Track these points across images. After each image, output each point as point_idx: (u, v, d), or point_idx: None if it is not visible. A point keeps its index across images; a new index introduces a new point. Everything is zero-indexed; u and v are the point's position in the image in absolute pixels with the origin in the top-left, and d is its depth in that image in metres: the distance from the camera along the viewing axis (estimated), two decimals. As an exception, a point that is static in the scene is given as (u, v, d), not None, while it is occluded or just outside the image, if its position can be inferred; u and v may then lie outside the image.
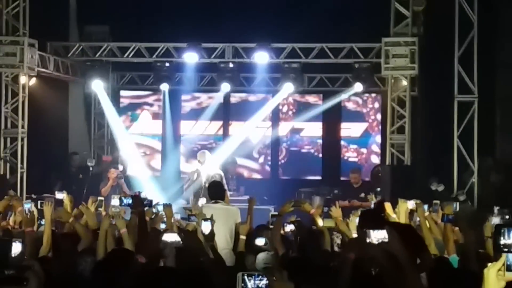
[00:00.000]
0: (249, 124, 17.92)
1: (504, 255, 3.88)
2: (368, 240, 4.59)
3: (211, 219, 7.68)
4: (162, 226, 9.01)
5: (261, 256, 7.42)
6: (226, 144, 17.69)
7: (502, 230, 3.99)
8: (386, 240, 4.56)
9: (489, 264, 5.32)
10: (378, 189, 14.26)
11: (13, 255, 6.87)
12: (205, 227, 7.64)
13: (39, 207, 9.04)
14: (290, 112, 18.82)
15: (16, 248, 6.95)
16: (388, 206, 8.87)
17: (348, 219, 8.84)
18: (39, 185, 15.44)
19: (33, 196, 13.72)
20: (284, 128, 18.90)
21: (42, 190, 15.06)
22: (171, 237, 6.46)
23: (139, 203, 8.36)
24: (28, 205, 8.97)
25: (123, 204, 8.46)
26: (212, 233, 7.64)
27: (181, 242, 6.54)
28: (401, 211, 8.72)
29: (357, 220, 8.02)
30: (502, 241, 4.13)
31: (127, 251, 6.60)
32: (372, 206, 10.68)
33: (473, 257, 6.92)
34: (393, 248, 4.56)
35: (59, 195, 10.06)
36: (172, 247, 6.53)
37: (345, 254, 6.88)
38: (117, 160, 16.79)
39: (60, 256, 7.09)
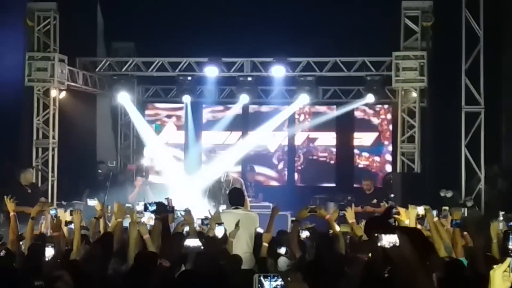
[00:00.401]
0: (264, 131, 17.87)
1: (509, 258, 3.90)
2: (379, 244, 4.59)
3: (237, 224, 7.66)
4: (187, 228, 9.02)
5: (282, 259, 7.44)
6: (241, 150, 17.70)
7: (511, 236, 4.01)
8: (398, 244, 4.57)
9: (495, 266, 5.33)
10: (392, 195, 14.25)
11: (46, 259, 6.98)
12: (219, 232, 7.68)
13: (68, 213, 9.06)
14: (306, 122, 18.82)
15: (49, 252, 7.07)
16: (402, 211, 8.85)
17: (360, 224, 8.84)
18: (68, 192, 15.54)
19: (63, 203, 13.83)
20: (300, 137, 18.93)
21: (72, 197, 15.17)
22: (193, 242, 6.49)
23: (163, 209, 8.39)
24: (53, 211, 9.00)
25: (147, 210, 8.48)
26: (224, 237, 7.66)
27: (202, 247, 6.56)
28: (410, 216, 8.71)
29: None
30: (511, 246, 4.16)
31: (153, 255, 6.65)
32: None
33: (481, 260, 6.92)
34: (404, 252, 4.57)
35: (91, 202, 10.04)
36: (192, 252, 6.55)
37: (356, 255, 6.90)
38: (141, 168, 16.85)
39: (91, 260, 7.13)
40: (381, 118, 18.58)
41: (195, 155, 18.52)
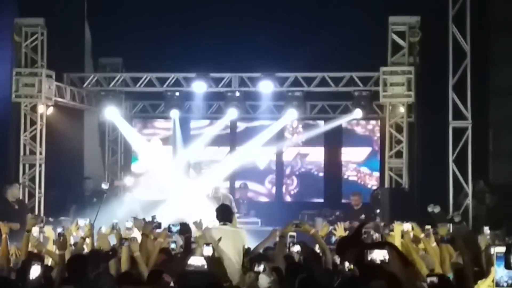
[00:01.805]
0: (251, 146, 17.91)
1: (493, 271, 3.95)
2: (368, 261, 4.62)
3: (219, 240, 7.70)
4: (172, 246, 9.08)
5: (263, 277, 7.43)
6: (229, 165, 17.74)
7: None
8: (387, 260, 4.60)
9: (479, 281, 5.36)
10: (378, 210, 14.29)
11: (31, 278, 6.90)
12: (207, 251, 7.72)
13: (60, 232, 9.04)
14: (294, 137, 18.87)
15: (35, 271, 6.98)
16: (397, 228, 8.86)
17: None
18: (55, 208, 15.49)
19: (50, 219, 13.74)
20: (288, 153, 18.98)
21: (59, 213, 15.12)
22: (197, 261, 6.48)
23: (186, 230, 8.63)
24: (60, 229, 8.99)
25: (171, 231, 8.74)
26: (212, 257, 7.68)
27: (206, 267, 6.56)
28: (396, 233, 8.77)
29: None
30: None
31: (158, 272, 6.70)
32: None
33: (471, 275, 6.97)
34: (393, 267, 4.60)
35: (81, 222, 9.89)
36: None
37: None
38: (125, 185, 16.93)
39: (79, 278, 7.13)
40: (369, 133, 18.67)
41: (183, 170, 18.50)
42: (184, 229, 8.70)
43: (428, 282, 5.83)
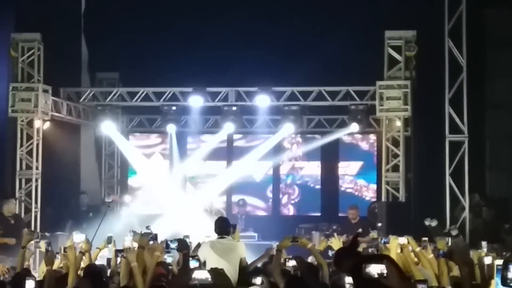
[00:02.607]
0: (248, 160, 17.89)
1: (493, 284, 3.92)
2: (366, 276, 4.58)
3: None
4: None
5: None
6: (226, 180, 17.72)
7: (510, 265, 4.03)
8: (385, 274, 4.56)
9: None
10: (379, 224, 14.26)
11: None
12: (192, 265, 7.71)
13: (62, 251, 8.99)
14: (293, 147, 18.86)
15: (29, 285, 6.99)
16: (393, 242, 8.84)
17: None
18: (52, 223, 15.45)
19: (47, 234, 13.72)
20: (284, 167, 18.97)
21: (55, 228, 15.08)
22: (201, 274, 6.43)
23: (184, 246, 8.59)
24: (45, 245, 8.94)
25: (169, 247, 8.70)
26: (215, 269, 7.63)
27: (210, 280, 6.51)
28: (392, 247, 8.74)
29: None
30: (510, 275, 4.19)
31: (160, 287, 6.67)
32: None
33: (468, 288, 6.96)
34: (391, 281, 4.56)
35: (77, 238, 9.83)
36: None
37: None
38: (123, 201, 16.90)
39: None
40: (365, 147, 18.68)
41: (180, 184, 18.48)
42: (182, 245, 8.64)
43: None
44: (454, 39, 15.19)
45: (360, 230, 14.16)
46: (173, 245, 8.64)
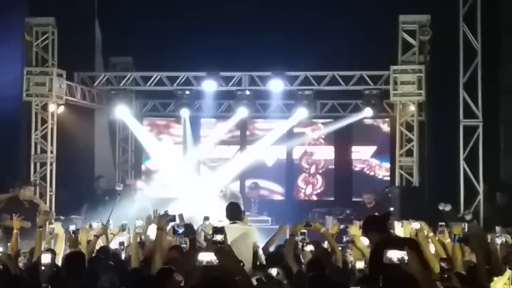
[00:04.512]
0: (261, 145, 17.88)
1: (508, 270, 3.90)
2: (387, 261, 4.56)
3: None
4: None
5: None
6: (239, 164, 17.72)
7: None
8: (405, 260, 4.55)
9: (495, 278, 5.29)
10: (392, 209, 14.23)
11: (43, 268, 7.03)
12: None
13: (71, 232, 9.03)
14: (315, 132, 18.82)
15: (46, 259, 7.16)
16: (406, 227, 8.83)
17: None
18: (67, 207, 15.50)
19: (61, 217, 13.77)
20: (298, 151, 18.94)
21: (70, 212, 15.13)
22: (207, 256, 6.42)
23: (191, 231, 8.56)
24: (73, 227, 9.00)
25: (176, 232, 8.62)
26: (221, 251, 7.62)
27: (217, 261, 6.50)
28: (405, 232, 8.72)
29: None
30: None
31: (169, 269, 6.69)
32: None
33: (484, 274, 6.94)
34: (412, 268, 4.55)
35: (95, 225, 9.85)
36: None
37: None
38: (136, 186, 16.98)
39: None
40: (379, 131, 18.63)
41: (194, 168, 18.49)
42: (189, 231, 8.60)
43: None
44: (468, 23, 15.08)
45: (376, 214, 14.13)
46: (180, 230, 8.62)
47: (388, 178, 17.91)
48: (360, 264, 7.85)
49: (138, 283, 6.54)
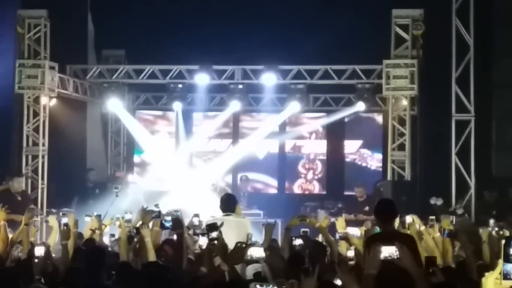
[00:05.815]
0: (254, 139, 17.89)
1: (500, 264, 3.93)
2: (381, 257, 4.60)
3: (221, 225, 7.67)
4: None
5: (251, 266, 7.37)
6: (231, 158, 17.72)
7: (512, 242, 4.06)
8: (397, 256, 4.59)
9: (487, 273, 5.33)
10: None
11: (36, 260, 7.07)
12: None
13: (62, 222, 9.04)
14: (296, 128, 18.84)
15: (39, 251, 7.20)
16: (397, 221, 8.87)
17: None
18: (58, 200, 15.49)
19: (53, 210, 13.76)
20: (290, 145, 18.96)
21: (61, 204, 15.11)
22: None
23: (179, 225, 8.49)
24: (65, 220, 9.01)
25: (164, 226, 8.67)
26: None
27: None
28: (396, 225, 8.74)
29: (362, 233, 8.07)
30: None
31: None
32: None
33: (474, 268, 6.97)
34: (404, 263, 4.59)
35: (87, 219, 9.91)
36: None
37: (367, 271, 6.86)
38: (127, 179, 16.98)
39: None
40: (370, 125, 18.66)
41: (186, 161, 18.50)
42: (176, 225, 8.53)
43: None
44: (461, 18, 15.13)
45: (367, 208, 14.19)
46: (168, 224, 8.64)
47: (380, 170, 17.91)
48: (350, 253, 7.88)
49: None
